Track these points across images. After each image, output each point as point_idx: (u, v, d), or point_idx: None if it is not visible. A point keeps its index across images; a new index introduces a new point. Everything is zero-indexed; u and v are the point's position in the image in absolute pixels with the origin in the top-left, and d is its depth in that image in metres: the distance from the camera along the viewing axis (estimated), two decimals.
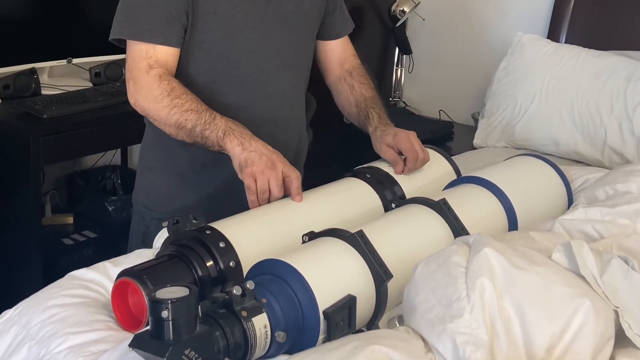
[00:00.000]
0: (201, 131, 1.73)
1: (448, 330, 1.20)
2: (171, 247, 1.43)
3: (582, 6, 2.98)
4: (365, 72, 2.12)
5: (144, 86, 1.78)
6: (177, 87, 1.77)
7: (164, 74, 1.78)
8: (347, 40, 2.15)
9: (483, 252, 1.28)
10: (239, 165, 1.67)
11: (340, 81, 2.11)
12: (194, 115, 1.73)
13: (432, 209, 1.57)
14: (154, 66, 1.78)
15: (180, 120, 1.74)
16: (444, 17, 3.43)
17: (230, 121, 1.73)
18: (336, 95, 2.13)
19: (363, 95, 2.05)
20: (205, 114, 1.74)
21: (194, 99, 1.76)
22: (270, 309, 1.22)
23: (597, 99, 2.60)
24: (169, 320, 1.09)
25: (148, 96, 1.77)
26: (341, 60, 2.13)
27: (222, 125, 1.72)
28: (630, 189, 1.76)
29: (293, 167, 1.68)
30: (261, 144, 1.69)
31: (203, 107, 1.75)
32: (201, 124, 1.73)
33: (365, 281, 1.34)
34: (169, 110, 1.75)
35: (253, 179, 1.64)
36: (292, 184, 1.64)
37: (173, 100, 1.75)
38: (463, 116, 3.31)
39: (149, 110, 1.79)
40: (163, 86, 1.76)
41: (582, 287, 1.28)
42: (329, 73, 2.14)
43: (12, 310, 1.46)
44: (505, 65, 2.89)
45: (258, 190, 1.64)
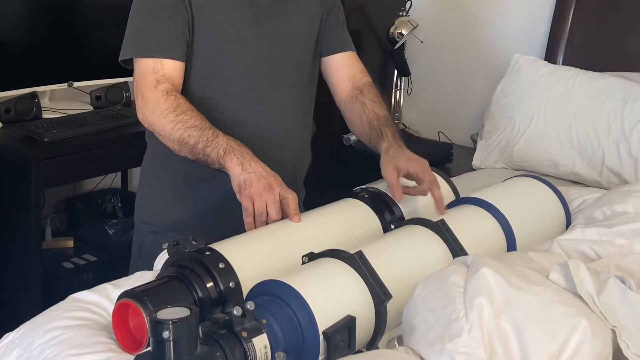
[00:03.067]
0: (203, 148, 1.75)
1: (447, 350, 1.21)
2: (171, 268, 1.43)
3: (579, 28, 3.00)
4: (376, 90, 2.10)
5: (151, 101, 1.81)
6: (183, 103, 1.79)
7: (171, 90, 1.81)
8: (355, 57, 2.14)
9: (481, 272, 1.28)
10: (238, 186, 1.68)
11: (352, 99, 2.08)
12: (197, 132, 1.76)
13: (431, 230, 1.58)
14: (162, 81, 1.81)
15: (184, 136, 1.76)
16: (442, 40, 3.46)
17: (232, 140, 1.75)
18: (347, 113, 2.11)
19: (376, 113, 2.02)
20: (209, 131, 1.76)
21: (199, 116, 1.78)
22: (271, 330, 1.22)
23: (594, 120, 2.61)
24: (170, 341, 1.10)
25: (155, 111, 1.80)
26: (350, 77, 2.10)
27: (223, 143, 1.74)
28: (628, 209, 1.77)
29: (290, 190, 1.68)
30: (260, 165, 1.71)
31: (207, 124, 1.77)
32: (203, 140, 1.75)
33: (365, 302, 1.34)
34: (173, 126, 1.77)
35: (251, 201, 1.65)
36: (289, 205, 1.65)
37: (178, 116, 1.77)
38: (462, 138, 3.32)
39: (154, 124, 1.82)
40: (169, 101, 1.79)
41: (580, 306, 1.29)
42: (339, 91, 2.12)
43: (13, 332, 1.46)
44: (503, 87, 2.90)
45: (255, 213, 1.65)
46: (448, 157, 3.16)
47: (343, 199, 1.78)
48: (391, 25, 3.25)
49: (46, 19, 2.99)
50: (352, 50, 2.13)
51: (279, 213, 1.65)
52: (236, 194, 1.69)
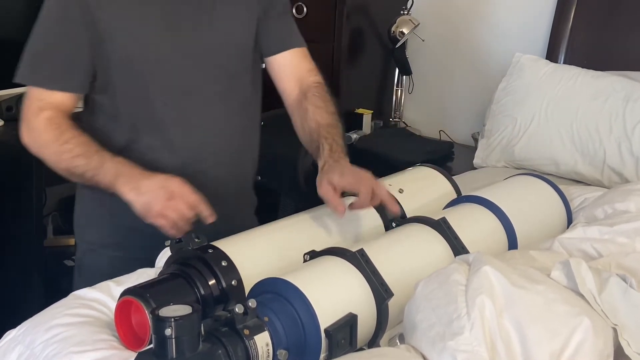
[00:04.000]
0: (92, 177, 1.67)
1: (448, 348, 1.21)
2: (174, 266, 1.44)
3: (580, 27, 3.00)
4: (323, 92, 1.91)
5: (33, 129, 1.73)
6: (66, 131, 1.70)
7: (55, 117, 1.71)
8: (302, 54, 1.96)
9: (483, 270, 1.29)
10: (141, 212, 1.60)
11: (297, 104, 1.91)
12: (82, 160, 1.67)
13: (432, 228, 1.58)
14: (45, 108, 1.72)
15: (70, 166, 1.68)
16: (444, 38, 3.46)
17: (120, 163, 1.66)
18: (293, 120, 1.94)
19: (317, 122, 1.83)
20: (94, 158, 1.67)
21: (85, 143, 1.69)
22: (272, 328, 1.23)
23: (596, 119, 2.61)
24: (172, 338, 1.10)
25: (37, 140, 1.73)
26: (296, 78, 1.93)
27: (111, 170, 1.65)
28: (629, 208, 1.77)
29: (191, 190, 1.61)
30: (153, 179, 1.62)
31: (93, 149, 1.68)
32: (91, 169, 1.66)
33: (367, 300, 1.34)
34: (57, 157, 1.69)
35: (162, 217, 1.58)
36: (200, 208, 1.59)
37: (61, 146, 1.69)
38: (463, 136, 3.32)
39: (40, 154, 1.74)
40: (51, 130, 1.70)
41: (581, 305, 1.29)
42: (285, 94, 1.95)
43: (15, 330, 1.46)
44: (505, 85, 2.90)
45: (172, 223, 1.58)
46: (449, 155, 3.16)
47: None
48: (392, 24, 3.25)
49: None
50: (298, 47, 1.95)
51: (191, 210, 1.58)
52: (144, 219, 1.61)
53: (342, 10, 3.14)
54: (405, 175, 1.91)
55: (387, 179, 1.86)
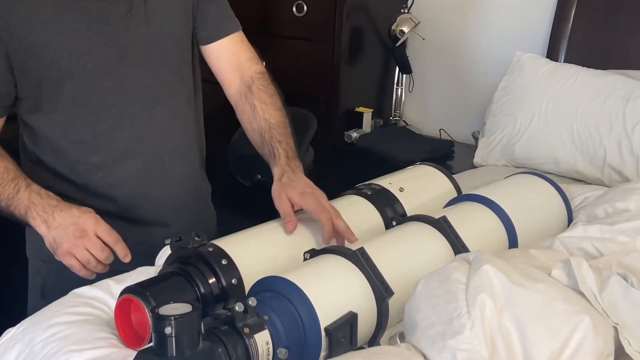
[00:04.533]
0: (6, 207, 1.60)
1: (449, 346, 1.21)
2: (174, 264, 1.44)
3: (581, 25, 2.99)
4: (268, 83, 1.86)
5: None
6: None
7: None
8: (239, 40, 1.89)
9: (483, 269, 1.28)
10: (51, 247, 1.56)
11: (241, 98, 1.84)
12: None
13: (432, 227, 1.58)
14: None
15: None
16: (444, 37, 3.45)
17: (35, 193, 1.58)
18: (238, 114, 1.87)
19: (267, 121, 1.79)
20: (9, 186, 1.59)
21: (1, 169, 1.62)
22: (272, 326, 1.22)
23: (596, 118, 2.61)
24: (172, 337, 1.10)
25: None
26: (235, 67, 1.87)
27: (24, 200, 1.58)
28: (629, 206, 1.77)
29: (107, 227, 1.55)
30: (66, 212, 1.55)
31: (9, 178, 1.60)
32: (5, 198, 1.59)
33: (367, 298, 1.34)
34: None
35: (71, 256, 1.54)
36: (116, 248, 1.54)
37: None
38: (463, 135, 3.32)
39: None
40: None
41: (582, 304, 1.29)
42: (226, 85, 1.88)
43: (15, 328, 1.46)
44: (505, 84, 2.90)
45: (83, 263, 1.54)
46: (449, 154, 3.16)
47: (345, 196, 1.78)
48: (393, 23, 3.25)
49: None
50: (235, 31, 1.87)
51: (104, 251, 1.54)
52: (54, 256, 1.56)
53: (342, 9, 3.13)
54: (405, 174, 1.91)
55: (387, 177, 1.86)
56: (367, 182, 1.84)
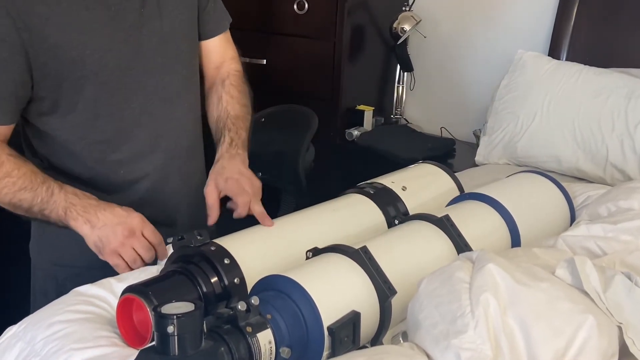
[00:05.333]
0: (40, 211, 1.57)
1: (452, 346, 1.21)
2: (176, 263, 1.43)
3: (583, 24, 2.99)
4: (240, 82, 1.92)
5: None
6: (6, 162, 1.59)
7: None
8: (227, 39, 1.95)
9: (487, 268, 1.28)
10: (95, 247, 1.54)
11: (212, 89, 1.91)
12: (28, 194, 1.56)
13: (435, 226, 1.57)
14: None
15: (14, 201, 1.58)
16: (446, 35, 3.45)
17: (70, 193, 1.56)
18: (206, 105, 1.93)
19: (227, 111, 1.85)
20: (42, 189, 1.56)
21: (28, 174, 1.58)
22: (275, 325, 1.22)
23: (598, 116, 2.61)
24: (175, 336, 1.09)
25: None
26: (218, 64, 1.93)
27: (61, 202, 1.55)
28: (633, 205, 1.76)
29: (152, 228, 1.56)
30: (110, 212, 1.54)
31: (39, 180, 1.57)
32: (38, 203, 1.56)
33: (369, 297, 1.34)
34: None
35: (117, 256, 1.54)
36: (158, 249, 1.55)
37: (1, 180, 1.58)
38: (464, 133, 3.31)
39: None
40: None
41: (586, 303, 1.29)
42: (206, 79, 1.94)
43: (16, 326, 1.46)
44: (507, 82, 2.90)
45: (128, 263, 1.54)
46: (451, 152, 3.15)
47: (347, 194, 1.77)
48: (394, 20, 3.25)
49: None
50: (225, 30, 1.93)
51: (150, 251, 1.55)
52: (98, 255, 1.55)
53: (343, 7, 3.13)
54: (408, 173, 1.91)
55: (389, 176, 1.85)
56: (370, 181, 1.83)
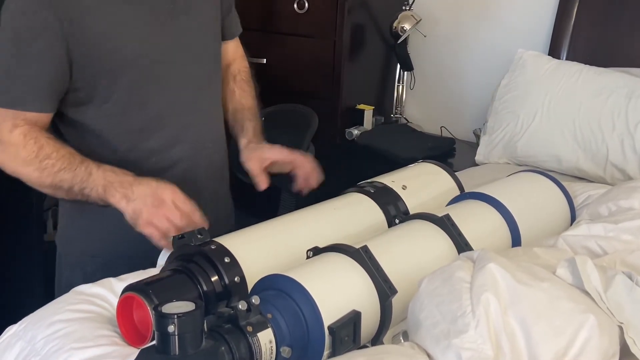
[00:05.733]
0: (80, 190, 1.61)
1: (453, 345, 1.20)
2: (176, 262, 1.43)
3: (583, 23, 2.99)
4: (249, 77, 2.08)
5: (9, 147, 1.65)
6: (45, 145, 1.63)
7: (30, 132, 1.64)
8: (238, 41, 2.09)
9: (488, 267, 1.28)
10: (132, 220, 1.57)
11: (223, 83, 2.03)
12: (68, 174, 1.61)
13: (435, 225, 1.57)
14: (19, 125, 1.64)
15: (55, 182, 1.62)
16: (446, 34, 3.45)
17: (109, 172, 1.61)
18: None
19: (242, 104, 2.01)
20: (80, 169, 1.61)
21: (67, 155, 1.63)
22: (276, 324, 1.22)
23: (598, 116, 2.61)
24: (175, 335, 1.09)
25: (15, 158, 1.65)
26: (230, 61, 2.07)
27: (100, 180, 1.59)
28: (633, 205, 1.76)
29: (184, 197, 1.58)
30: (144, 185, 1.58)
31: (77, 161, 1.62)
32: (78, 182, 1.60)
33: (370, 297, 1.34)
34: (39, 173, 1.63)
35: (151, 226, 1.55)
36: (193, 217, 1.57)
37: (42, 162, 1.62)
38: (465, 133, 3.31)
39: (18, 173, 1.66)
40: (29, 146, 1.63)
41: (587, 302, 1.28)
42: None
43: (16, 325, 1.46)
44: (507, 82, 2.90)
45: (162, 233, 1.55)
46: (451, 152, 3.15)
47: (348, 193, 1.77)
48: (394, 20, 3.25)
49: None
50: (240, 33, 2.08)
51: (183, 218, 1.56)
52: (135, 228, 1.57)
53: (343, 6, 3.13)
54: (408, 172, 1.90)
55: (389, 175, 1.85)
56: (370, 180, 1.83)
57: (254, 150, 1.86)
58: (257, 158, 1.83)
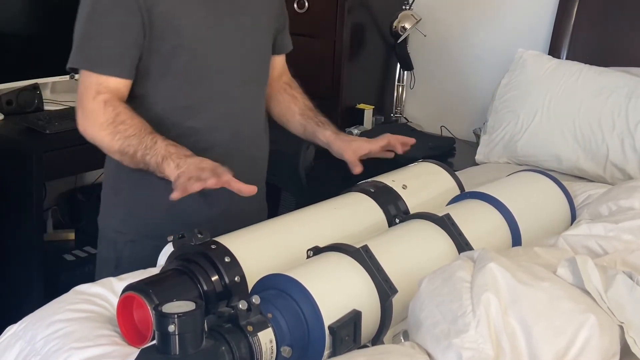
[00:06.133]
0: (142, 156, 1.71)
1: (454, 345, 1.20)
2: (176, 261, 1.43)
3: (583, 23, 2.99)
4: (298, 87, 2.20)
5: (89, 113, 1.77)
6: (122, 113, 1.75)
7: (111, 100, 1.76)
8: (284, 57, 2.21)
9: (488, 267, 1.28)
10: (174, 184, 1.64)
11: (280, 91, 2.15)
12: (135, 140, 1.72)
13: (436, 224, 1.57)
14: (102, 92, 1.76)
15: (123, 146, 1.73)
16: (446, 34, 3.45)
17: (171, 145, 1.71)
18: (276, 104, 2.16)
19: (307, 105, 2.13)
20: (147, 138, 1.72)
21: (139, 124, 1.74)
22: (276, 324, 1.22)
23: (598, 115, 2.61)
24: (176, 335, 1.09)
25: (94, 123, 1.76)
26: (281, 72, 2.18)
27: (161, 150, 1.70)
28: (634, 204, 1.76)
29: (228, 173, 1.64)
30: (197, 159, 1.68)
31: (146, 131, 1.73)
32: (142, 149, 1.71)
33: (370, 296, 1.33)
34: (112, 137, 1.73)
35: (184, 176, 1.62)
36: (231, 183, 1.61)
37: (117, 127, 1.73)
38: (465, 132, 3.31)
39: (95, 137, 1.77)
40: (108, 112, 1.74)
41: (587, 302, 1.29)
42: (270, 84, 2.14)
43: (16, 325, 1.46)
44: (507, 81, 2.89)
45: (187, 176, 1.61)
46: (451, 151, 3.15)
47: (348, 193, 1.77)
48: (394, 19, 3.25)
49: (48, 10, 2.98)
50: (290, 49, 2.20)
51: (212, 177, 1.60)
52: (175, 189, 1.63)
53: (343, 5, 3.13)
54: (408, 171, 1.90)
55: (390, 174, 1.85)
56: (370, 180, 1.83)
57: (347, 142, 2.01)
58: (353, 150, 1.97)
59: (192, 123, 1.87)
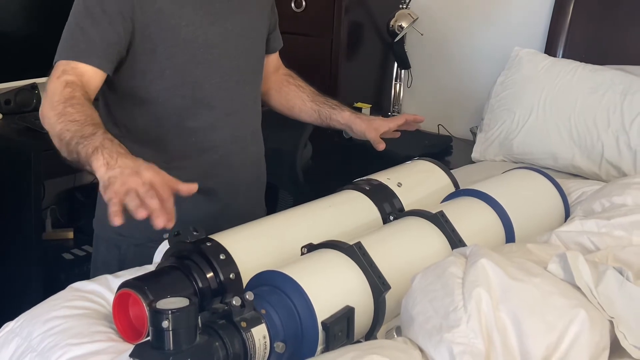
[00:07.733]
0: (76, 145, 1.53)
1: (445, 340, 1.21)
2: (172, 258, 1.44)
3: (579, 21, 3.00)
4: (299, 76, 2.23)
5: (49, 92, 1.67)
6: (77, 97, 1.64)
7: (73, 83, 1.67)
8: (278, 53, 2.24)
9: (480, 263, 1.29)
10: (103, 188, 1.42)
11: (283, 83, 2.20)
12: (76, 126, 1.56)
13: (429, 222, 1.58)
14: (68, 72, 1.69)
15: (62, 130, 1.58)
16: (443, 32, 3.46)
17: (108, 139, 1.52)
18: (281, 96, 2.20)
19: (313, 91, 2.17)
20: (88, 128, 1.55)
21: (89, 112, 1.61)
22: (270, 320, 1.23)
23: (594, 113, 2.62)
24: (170, 331, 1.10)
25: (49, 102, 1.64)
26: (276, 67, 2.21)
27: (96, 142, 1.50)
28: (626, 201, 1.77)
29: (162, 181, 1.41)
30: (131, 160, 1.46)
31: (92, 122, 1.58)
32: (78, 137, 1.54)
33: (364, 292, 1.35)
34: (57, 118, 1.60)
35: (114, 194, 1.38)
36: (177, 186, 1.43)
37: (66, 108, 1.60)
38: (461, 130, 3.32)
39: (45, 116, 1.64)
40: (65, 93, 1.64)
41: (578, 297, 1.30)
42: (265, 81, 2.15)
43: (13, 322, 1.46)
44: (503, 79, 2.90)
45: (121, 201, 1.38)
46: (448, 149, 3.16)
47: (343, 191, 1.78)
48: (391, 18, 3.26)
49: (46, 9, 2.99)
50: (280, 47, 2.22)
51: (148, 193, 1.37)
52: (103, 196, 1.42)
53: (340, 4, 3.14)
54: (403, 169, 1.91)
55: (385, 172, 1.86)
56: (365, 177, 1.84)
57: (368, 122, 2.06)
58: (375, 128, 2.03)
59: (192, 123, 1.87)
